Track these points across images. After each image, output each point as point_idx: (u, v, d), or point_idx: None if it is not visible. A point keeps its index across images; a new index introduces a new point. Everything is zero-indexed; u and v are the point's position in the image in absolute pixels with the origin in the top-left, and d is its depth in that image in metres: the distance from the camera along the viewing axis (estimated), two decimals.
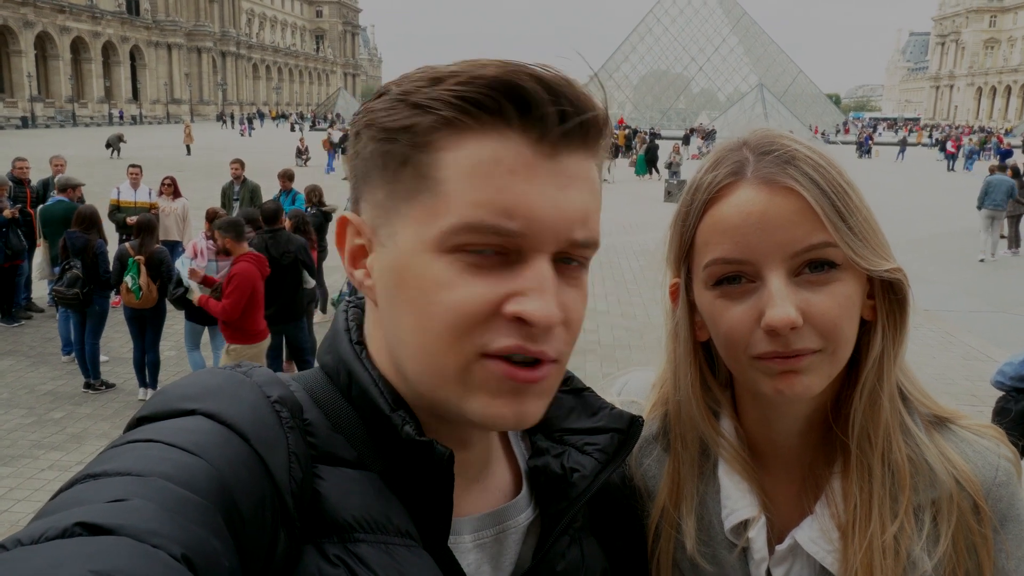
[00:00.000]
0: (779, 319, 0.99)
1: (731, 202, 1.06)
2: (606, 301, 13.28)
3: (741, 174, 1.06)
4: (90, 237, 8.81)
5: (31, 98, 76.09)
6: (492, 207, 0.80)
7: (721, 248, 1.06)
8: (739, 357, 1.08)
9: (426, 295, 0.82)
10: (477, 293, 0.80)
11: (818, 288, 1.03)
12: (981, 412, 5.33)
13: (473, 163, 0.81)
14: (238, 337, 7.40)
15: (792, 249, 1.02)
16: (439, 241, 0.81)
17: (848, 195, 1.04)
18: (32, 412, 8.27)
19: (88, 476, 0.69)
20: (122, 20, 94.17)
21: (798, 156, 1.05)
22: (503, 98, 0.80)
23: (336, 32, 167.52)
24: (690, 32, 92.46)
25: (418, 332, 0.83)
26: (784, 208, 1.02)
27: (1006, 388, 4.89)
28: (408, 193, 0.84)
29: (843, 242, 1.02)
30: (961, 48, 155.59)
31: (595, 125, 0.85)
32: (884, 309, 1.11)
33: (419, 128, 0.82)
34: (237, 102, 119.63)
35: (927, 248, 18.54)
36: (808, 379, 1.04)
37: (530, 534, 1.01)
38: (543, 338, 0.81)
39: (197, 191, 18.87)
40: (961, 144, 49.62)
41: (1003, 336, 11.39)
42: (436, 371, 0.83)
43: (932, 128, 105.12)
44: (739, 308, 1.05)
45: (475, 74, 0.81)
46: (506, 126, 0.81)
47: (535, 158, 0.81)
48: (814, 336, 1.02)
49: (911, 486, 1.10)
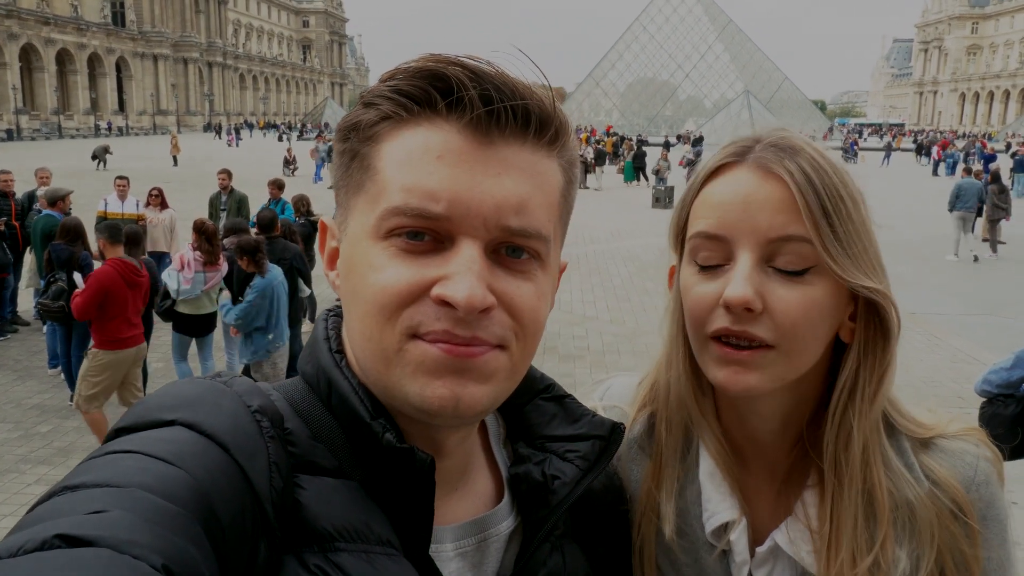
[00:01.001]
0: (736, 296, 1.01)
1: (724, 179, 1.09)
2: (595, 307, 13.29)
3: (742, 157, 1.09)
4: (75, 249, 8.75)
5: (16, 111, 75.65)
6: (418, 191, 0.82)
7: (704, 222, 1.08)
8: (699, 334, 1.09)
9: (363, 279, 0.85)
10: (403, 275, 0.82)
11: (787, 284, 1.03)
12: (968, 414, 5.35)
13: (405, 151, 0.84)
14: (100, 341, 7.23)
15: (768, 235, 1.03)
16: (376, 227, 0.84)
17: (841, 199, 1.03)
18: (19, 426, 8.19)
19: (66, 488, 0.68)
20: (108, 31, 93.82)
21: (801, 151, 1.06)
22: (428, 85, 0.83)
23: (323, 42, 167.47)
24: (676, 40, 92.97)
25: (359, 318, 0.86)
26: (771, 194, 1.04)
27: (991, 395, 4.88)
28: (357, 186, 0.88)
29: (819, 241, 1.01)
30: (944, 54, 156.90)
31: (535, 115, 0.86)
32: (863, 333, 1.08)
33: (364, 123, 0.87)
34: (224, 112, 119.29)
35: (913, 251, 18.65)
36: (755, 376, 1.04)
37: (512, 542, 1.00)
38: (475, 323, 0.82)
39: (185, 202, 18.78)
40: (945, 149, 49.91)
41: (991, 339, 11.45)
42: (377, 355, 0.85)
43: (916, 133, 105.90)
44: (708, 284, 1.07)
45: (405, 67, 0.85)
46: (436, 115, 0.84)
47: (466, 144, 0.83)
48: (769, 328, 1.02)
49: (890, 520, 1.08)
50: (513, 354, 0.87)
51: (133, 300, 7.36)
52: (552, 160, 0.90)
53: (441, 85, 0.83)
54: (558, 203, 0.92)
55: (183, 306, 8.49)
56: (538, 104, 0.86)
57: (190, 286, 8.39)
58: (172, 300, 8.36)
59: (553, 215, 0.90)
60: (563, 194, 0.93)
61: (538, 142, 0.88)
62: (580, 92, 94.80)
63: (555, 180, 0.91)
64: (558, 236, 0.94)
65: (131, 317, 7.35)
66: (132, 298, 7.34)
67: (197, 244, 8.58)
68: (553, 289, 0.95)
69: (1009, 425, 4.69)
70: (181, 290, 8.34)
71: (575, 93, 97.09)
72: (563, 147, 0.91)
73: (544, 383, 1.13)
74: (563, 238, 0.97)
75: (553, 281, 0.94)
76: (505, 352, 0.86)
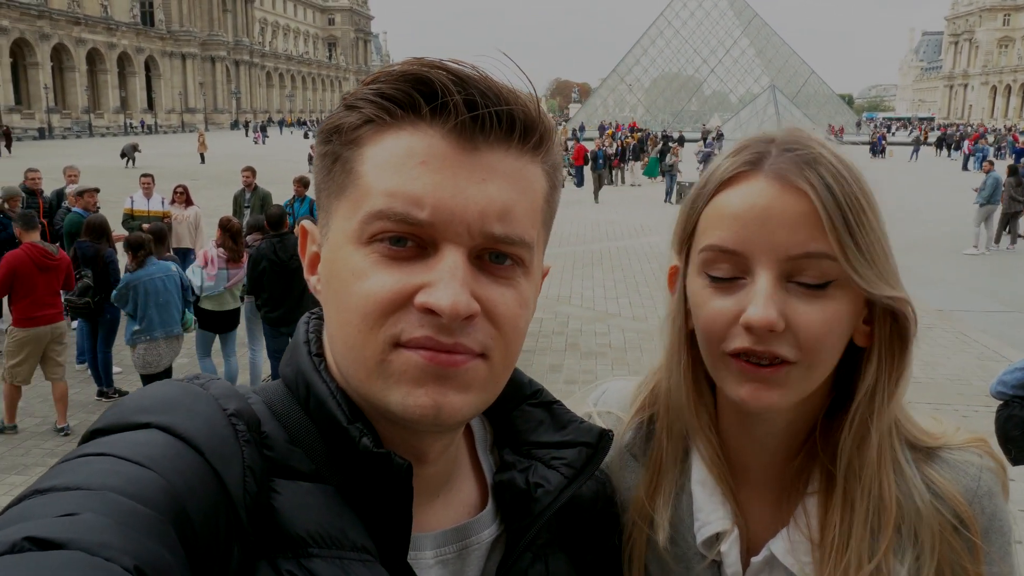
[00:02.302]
0: (759, 318, 0.97)
1: (740, 190, 1.03)
2: (618, 303, 13.24)
3: (758, 165, 1.03)
4: (100, 246, 8.89)
5: (48, 109, 76.82)
6: (402, 196, 0.81)
7: (719, 234, 1.03)
8: (714, 350, 1.05)
9: (345, 286, 0.84)
10: (387, 282, 0.81)
11: (809, 300, 0.99)
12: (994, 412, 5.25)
13: (389, 155, 0.83)
14: (15, 320, 8.00)
15: (788, 252, 0.98)
16: (358, 232, 0.83)
17: (863, 210, 0.99)
18: (46, 421, 8.33)
19: (36, 491, 0.68)
20: (137, 31, 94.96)
21: (821, 160, 1.01)
22: (412, 89, 0.82)
23: (348, 39, 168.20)
24: (701, 35, 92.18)
25: (341, 326, 0.85)
26: (791, 208, 0.99)
27: (1007, 397, 4.78)
28: (338, 189, 0.87)
29: (844, 257, 0.97)
30: (975, 47, 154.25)
31: (519, 121, 0.85)
32: (883, 339, 1.06)
33: (346, 126, 0.86)
34: (251, 110, 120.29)
35: (939, 246, 18.38)
36: (778, 392, 1.01)
37: (495, 550, 0.99)
38: (458, 330, 0.81)
39: (211, 199, 18.98)
40: (976, 143, 49.16)
41: (1018, 336, 11.26)
42: (359, 364, 0.84)
43: (947, 127, 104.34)
44: (723, 300, 1.03)
45: (389, 71, 0.84)
46: (420, 119, 0.83)
47: (450, 150, 0.82)
48: (791, 346, 0.99)
49: (894, 525, 1.05)
50: (494, 363, 0.86)
51: (47, 282, 8.06)
52: (536, 166, 0.89)
53: (425, 89, 0.82)
54: (541, 209, 0.91)
55: (206, 302, 8.60)
56: (522, 109, 0.86)
57: (213, 283, 8.50)
58: (196, 296, 8.45)
59: (536, 221, 0.90)
60: (547, 199, 0.92)
61: (522, 148, 0.87)
62: (605, 88, 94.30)
63: (539, 186, 0.90)
64: (541, 242, 0.93)
65: (43, 297, 8.05)
66: (45, 280, 8.03)
67: (221, 241, 8.66)
68: (535, 295, 0.94)
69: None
70: (205, 286, 8.45)
71: (599, 89, 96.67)
72: (547, 152, 0.90)
73: (532, 389, 1.11)
74: (546, 243, 0.97)
75: (536, 287, 0.94)
76: (486, 361, 0.85)
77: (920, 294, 13.45)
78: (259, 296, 8.48)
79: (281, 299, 8.34)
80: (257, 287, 8.41)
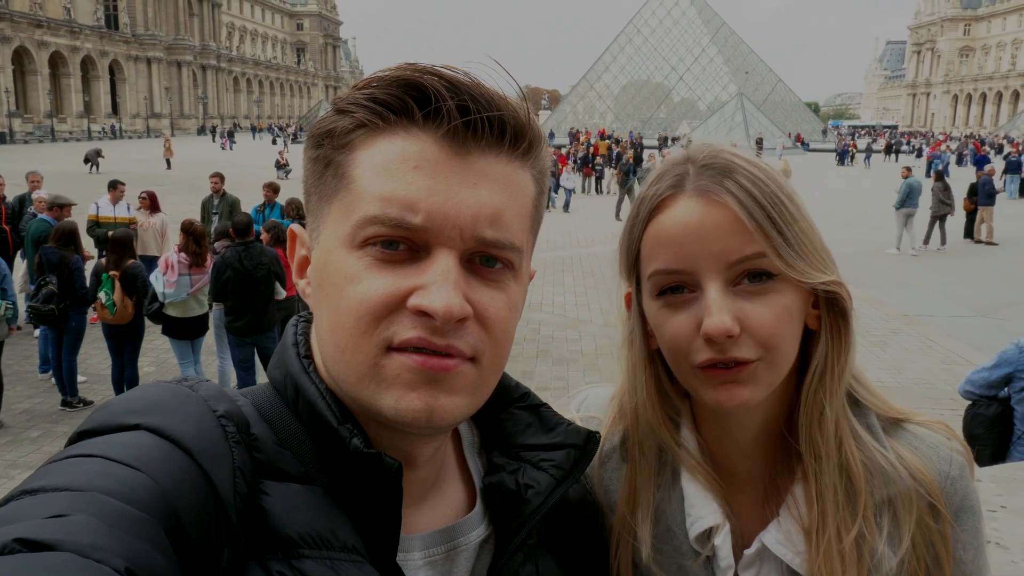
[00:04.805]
0: (715, 327, 1.02)
1: (670, 214, 1.09)
2: (589, 310, 13.30)
3: (680, 187, 1.09)
4: (65, 253, 8.73)
5: (9, 113, 75.54)
6: (396, 201, 0.82)
7: (662, 259, 1.09)
8: (682, 365, 1.10)
9: (338, 290, 0.84)
10: (381, 286, 0.82)
11: (755, 298, 1.05)
12: (961, 416, 5.36)
13: (382, 160, 0.83)
14: None
15: (728, 259, 1.05)
16: (351, 236, 0.84)
17: (784, 207, 1.06)
18: (8, 431, 8.17)
19: (25, 492, 0.67)
20: (101, 34, 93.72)
21: (736, 169, 1.07)
22: (405, 94, 0.83)
23: (317, 45, 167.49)
24: (670, 42, 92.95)
25: (333, 330, 0.86)
26: (719, 219, 1.05)
27: (974, 397, 4.91)
28: (330, 194, 0.87)
29: (775, 253, 1.04)
30: (937, 56, 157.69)
31: (510, 126, 0.86)
32: (827, 320, 1.13)
33: (338, 131, 0.86)
34: (218, 115, 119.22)
35: (905, 252, 18.70)
36: (748, 389, 1.07)
37: (484, 551, 1.00)
38: (451, 332, 0.82)
39: (178, 205, 18.78)
40: (936, 151, 50.14)
41: (983, 341, 11.47)
42: (351, 368, 0.85)
43: (910, 136, 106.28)
44: (680, 317, 1.08)
45: (382, 76, 0.84)
46: (413, 124, 0.84)
47: (443, 155, 0.83)
48: (751, 346, 1.05)
49: (867, 490, 1.11)
50: (484, 366, 0.88)
51: None
52: (526, 171, 0.91)
53: (418, 95, 0.83)
54: (530, 213, 0.93)
55: (171, 309, 8.47)
56: (513, 115, 0.87)
57: (174, 289, 8.33)
58: (160, 303, 8.32)
59: (526, 226, 0.92)
60: (535, 204, 0.94)
61: (513, 153, 0.88)
62: (574, 95, 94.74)
63: (528, 190, 0.92)
64: (529, 246, 0.95)
65: None
66: None
67: (184, 245, 8.54)
68: (523, 299, 0.96)
69: (988, 425, 4.74)
70: (166, 293, 8.30)
71: (569, 96, 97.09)
72: (536, 158, 0.92)
73: (519, 392, 1.12)
74: (533, 247, 0.98)
75: (524, 291, 0.95)
76: (476, 365, 0.86)
77: (883, 297, 13.69)
78: (224, 304, 8.38)
79: (245, 308, 8.24)
80: (221, 296, 8.30)
